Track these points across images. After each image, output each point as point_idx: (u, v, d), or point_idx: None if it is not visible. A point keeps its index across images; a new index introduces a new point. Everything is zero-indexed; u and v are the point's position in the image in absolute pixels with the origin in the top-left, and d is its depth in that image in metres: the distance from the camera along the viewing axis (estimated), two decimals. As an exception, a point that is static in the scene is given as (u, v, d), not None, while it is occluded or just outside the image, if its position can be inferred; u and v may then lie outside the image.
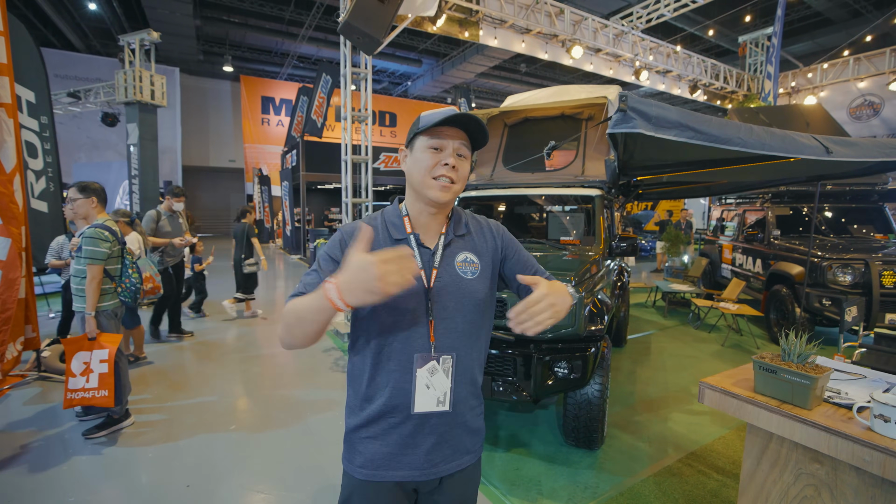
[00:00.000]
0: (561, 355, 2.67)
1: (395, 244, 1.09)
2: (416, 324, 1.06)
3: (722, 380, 1.51)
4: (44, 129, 5.16)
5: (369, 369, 1.09)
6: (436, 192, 1.06)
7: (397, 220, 1.13)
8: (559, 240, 3.78)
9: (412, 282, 0.84)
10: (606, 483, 2.64)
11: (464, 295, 1.10)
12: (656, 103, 1.97)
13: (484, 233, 1.21)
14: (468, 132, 1.09)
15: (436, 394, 1.07)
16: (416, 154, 1.08)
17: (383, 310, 1.03)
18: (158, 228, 4.98)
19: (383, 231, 1.11)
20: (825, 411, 1.27)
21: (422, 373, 1.06)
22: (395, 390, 1.06)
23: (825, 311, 4.86)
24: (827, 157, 2.24)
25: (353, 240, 1.02)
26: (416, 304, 1.06)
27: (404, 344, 1.06)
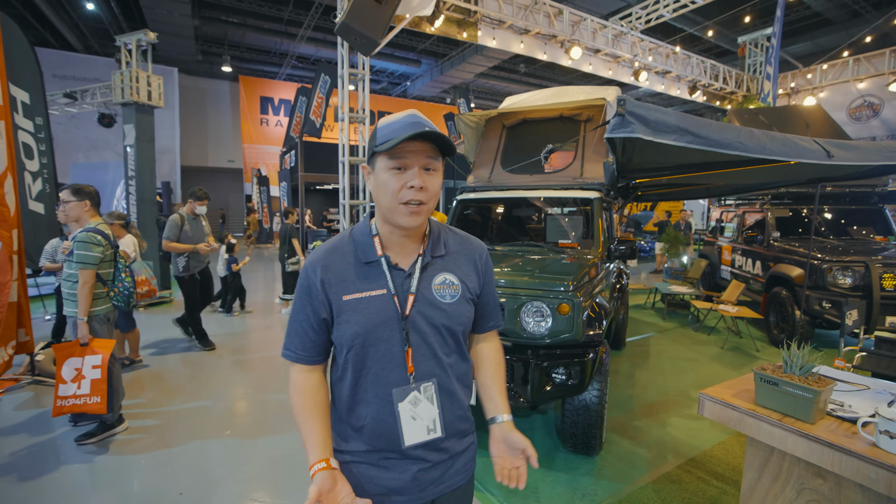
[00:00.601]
0: (559, 361, 2.63)
1: (366, 267, 1.02)
2: (392, 354, 1.00)
3: (722, 391, 1.48)
4: (39, 130, 5.11)
5: (347, 399, 1.04)
6: (404, 218, 0.97)
7: (367, 239, 1.05)
8: (557, 242, 3.74)
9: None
10: (605, 490, 2.61)
11: (442, 320, 1.03)
12: (655, 107, 1.93)
13: (465, 252, 1.13)
14: (434, 141, 0.98)
15: (425, 423, 1.03)
16: (379, 176, 0.98)
17: (357, 339, 0.99)
18: (182, 234, 4.66)
19: (352, 253, 1.04)
20: (828, 425, 1.24)
21: (405, 406, 1.01)
22: (377, 423, 1.01)
23: (825, 314, 4.83)
24: (828, 160, 2.21)
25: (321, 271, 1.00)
26: (390, 334, 1.00)
27: (379, 376, 1.01)
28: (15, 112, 4.63)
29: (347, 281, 1.01)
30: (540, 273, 2.86)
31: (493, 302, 1.18)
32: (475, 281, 1.12)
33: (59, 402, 2.79)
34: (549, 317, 2.61)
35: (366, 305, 1.00)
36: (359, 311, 0.99)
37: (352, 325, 0.99)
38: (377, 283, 1.01)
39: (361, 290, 1.00)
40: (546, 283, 2.70)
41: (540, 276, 2.80)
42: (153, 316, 6.51)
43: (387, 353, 1.00)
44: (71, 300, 2.87)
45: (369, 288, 1.01)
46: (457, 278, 1.07)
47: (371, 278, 1.02)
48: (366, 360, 1.00)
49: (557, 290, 2.63)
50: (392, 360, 1.00)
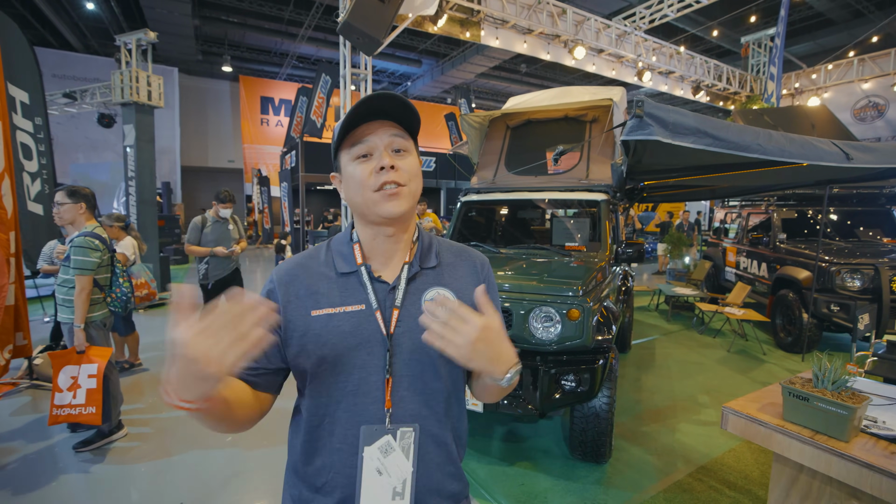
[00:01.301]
0: (568, 368, 2.57)
1: (342, 279, 0.86)
2: (367, 384, 0.81)
3: (746, 404, 1.42)
4: (38, 131, 5.05)
5: (302, 444, 0.85)
6: (384, 205, 0.81)
7: (345, 247, 0.89)
8: (564, 245, 3.68)
9: (261, 340, 0.61)
10: (615, 500, 2.55)
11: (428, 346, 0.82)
12: (673, 108, 1.88)
13: (462, 266, 0.95)
14: (396, 119, 0.84)
15: (391, 482, 0.80)
16: (347, 171, 0.85)
17: (324, 365, 0.81)
18: (203, 237, 4.33)
19: (327, 264, 0.88)
20: (864, 444, 1.17)
21: (371, 452, 0.79)
22: (343, 480, 0.80)
23: (833, 317, 4.77)
24: (848, 163, 2.15)
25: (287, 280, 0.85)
26: (367, 357, 0.81)
27: (349, 413, 0.81)
28: (14, 112, 4.57)
29: (319, 293, 0.84)
30: (548, 277, 2.80)
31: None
32: (470, 298, 0.87)
33: (55, 412, 2.72)
34: (558, 322, 2.55)
35: (339, 322, 0.82)
36: (329, 329, 0.82)
37: (319, 347, 0.81)
38: (355, 296, 0.84)
39: (335, 304, 0.83)
40: (554, 287, 2.64)
41: (548, 280, 2.74)
42: (153, 318, 6.46)
43: (360, 383, 0.81)
44: (65, 306, 2.79)
45: (345, 302, 0.83)
46: (452, 294, 0.88)
47: (348, 291, 0.85)
48: (332, 391, 0.81)
49: (566, 295, 2.57)
50: (366, 392, 0.81)
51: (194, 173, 19.50)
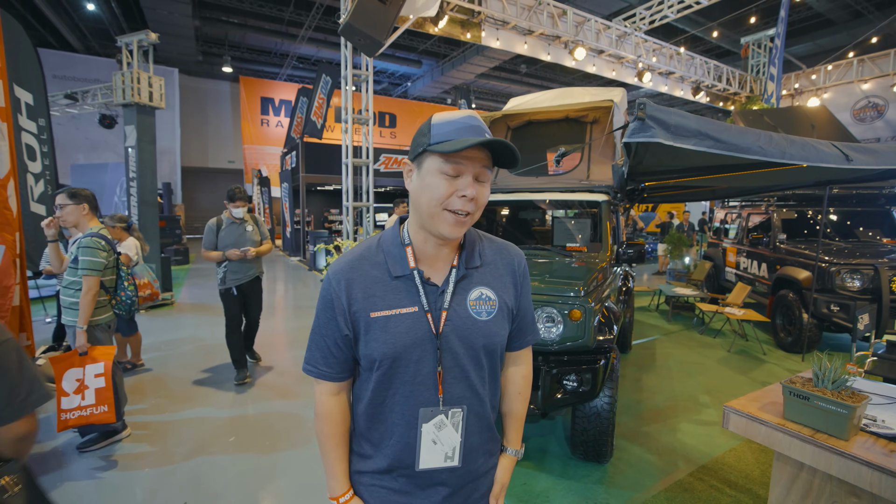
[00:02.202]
0: (570, 368, 2.59)
1: (395, 282, 0.94)
2: (422, 375, 0.94)
3: (747, 403, 1.43)
4: (42, 132, 5.06)
5: (368, 417, 0.99)
6: (447, 227, 0.88)
7: (397, 249, 0.95)
8: (565, 246, 3.70)
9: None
10: (617, 499, 2.57)
11: (478, 340, 0.96)
12: (675, 111, 1.89)
13: (503, 263, 1.03)
14: (494, 153, 0.90)
15: (443, 449, 0.97)
16: (427, 178, 0.89)
17: (386, 360, 0.92)
18: (219, 241, 4.01)
19: (380, 266, 0.95)
20: (864, 442, 1.19)
21: (428, 428, 0.95)
22: (400, 445, 0.96)
23: (833, 317, 4.79)
24: (847, 165, 2.17)
25: (346, 285, 0.93)
26: (421, 354, 0.93)
27: (407, 398, 0.94)
28: (19, 114, 4.58)
29: (375, 296, 0.93)
30: (550, 278, 2.81)
31: (529, 315, 1.10)
32: (512, 294, 1.03)
33: (64, 416, 2.67)
34: (560, 323, 2.56)
35: (396, 324, 0.92)
36: (388, 329, 0.92)
37: (380, 345, 0.92)
38: (409, 299, 0.93)
39: (391, 306, 0.93)
40: (556, 288, 2.65)
41: (550, 281, 2.76)
42: (155, 319, 6.47)
43: (416, 374, 0.93)
44: (72, 309, 2.78)
45: (400, 305, 0.93)
46: (493, 293, 0.99)
47: (401, 294, 0.94)
48: (393, 380, 0.94)
49: (568, 296, 2.59)
50: (422, 381, 0.94)
51: (194, 174, 19.52)
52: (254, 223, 4.26)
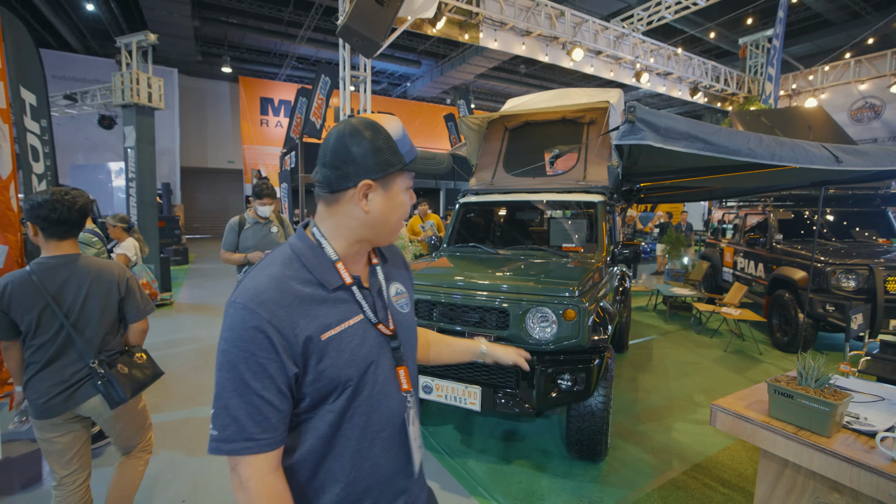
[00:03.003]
0: (564, 367, 2.61)
1: (332, 294, 0.85)
2: (382, 380, 0.89)
3: (734, 402, 1.46)
4: (44, 133, 5.08)
5: (315, 460, 0.84)
6: (396, 235, 0.93)
7: (326, 264, 0.86)
8: (561, 246, 3.73)
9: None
10: (611, 497, 2.59)
11: (408, 331, 0.99)
12: (665, 114, 1.92)
13: (398, 258, 1.08)
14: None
15: (417, 444, 0.97)
16: (398, 197, 0.88)
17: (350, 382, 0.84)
18: (241, 242, 3.68)
19: (311, 283, 0.83)
20: (845, 439, 1.22)
21: (411, 430, 0.93)
22: (362, 470, 0.86)
23: (829, 317, 4.82)
24: (837, 166, 2.20)
25: (282, 312, 0.77)
26: (377, 359, 0.88)
27: (370, 411, 0.87)
28: (24, 115, 4.60)
29: (318, 317, 0.82)
30: (545, 278, 2.84)
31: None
32: (412, 287, 1.08)
33: None
34: (554, 323, 2.59)
35: (349, 338, 0.84)
36: (342, 347, 0.83)
37: (341, 368, 0.82)
38: (350, 309, 0.87)
39: (339, 321, 0.84)
40: (551, 288, 2.68)
41: (545, 280, 2.79)
42: (154, 319, 6.48)
43: (376, 383, 0.88)
44: None
45: (344, 318, 0.85)
46: (403, 286, 1.03)
47: (342, 306, 0.86)
48: (353, 400, 0.85)
49: (563, 296, 2.61)
50: (384, 386, 0.89)
51: (194, 174, 19.54)
52: (279, 224, 3.89)
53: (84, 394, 1.82)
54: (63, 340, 1.78)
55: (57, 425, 1.81)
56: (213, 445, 0.76)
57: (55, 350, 1.77)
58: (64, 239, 1.81)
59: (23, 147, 4.47)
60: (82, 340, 1.80)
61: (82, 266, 1.83)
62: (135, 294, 1.99)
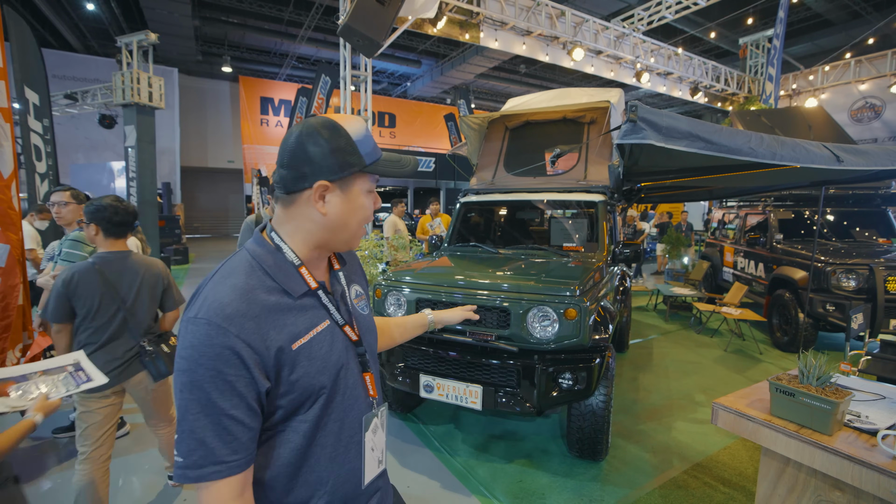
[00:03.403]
0: (565, 366, 2.62)
1: (298, 301, 0.83)
2: (350, 386, 0.88)
3: (735, 400, 1.46)
4: (46, 132, 5.10)
5: (289, 474, 0.81)
6: (358, 240, 0.90)
7: (289, 269, 0.84)
8: (562, 246, 3.73)
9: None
10: (612, 496, 2.60)
11: (371, 334, 0.98)
12: (667, 113, 1.92)
13: (353, 259, 1.06)
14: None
15: (376, 455, 0.93)
16: (359, 199, 0.85)
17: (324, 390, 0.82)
18: None
19: (276, 291, 0.80)
20: (847, 437, 1.22)
21: (368, 436, 0.90)
22: (339, 477, 0.85)
23: (829, 317, 4.82)
24: (837, 166, 2.20)
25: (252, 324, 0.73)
26: (345, 364, 0.87)
27: (342, 418, 0.86)
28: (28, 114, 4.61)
29: (287, 326, 0.79)
30: (546, 277, 2.84)
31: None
32: (367, 288, 1.08)
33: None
34: (555, 322, 2.59)
35: (318, 346, 0.82)
36: (312, 355, 0.81)
37: (314, 377, 0.80)
38: (317, 315, 0.85)
39: (308, 329, 0.82)
40: (552, 287, 2.68)
41: (546, 280, 2.79)
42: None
43: (346, 389, 0.87)
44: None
45: (312, 325, 0.83)
46: (361, 288, 1.02)
47: (308, 313, 0.84)
48: (327, 408, 0.83)
49: (563, 295, 2.62)
50: (353, 392, 0.88)
51: (194, 174, 19.54)
52: None
53: (134, 369, 2.16)
54: (119, 323, 2.10)
55: (105, 397, 2.07)
56: (178, 473, 0.71)
57: (112, 332, 2.09)
58: (119, 238, 2.15)
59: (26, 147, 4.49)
60: (134, 323, 2.14)
61: (134, 261, 2.19)
62: (172, 287, 2.37)
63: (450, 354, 2.81)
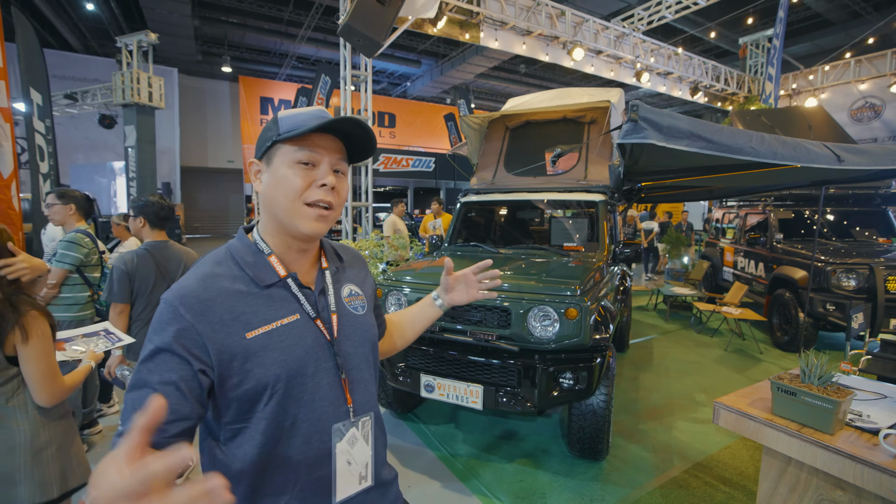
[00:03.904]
0: (566, 366, 2.62)
1: (265, 292, 0.81)
2: (322, 389, 0.82)
3: (737, 399, 1.46)
4: (48, 132, 5.10)
5: (258, 474, 0.78)
6: (309, 223, 0.81)
7: (257, 258, 0.83)
8: (562, 246, 3.73)
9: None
10: (613, 496, 2.60)
11: (363, 335, 0.92)
12: (668, 112, 1.92)
13: (358, 263, 1.04)
14: (346, 140, 0.86)
15: (357, 469, 0.86)
16: (279, 170, 0.81)
17: (279, 384, 0.78)
18: None
19: (240, 279, 0.81)
20: (848, 436, 1.22)
21: (342, 447, 0.84)
22: (311, 484, 0.81)
23: (829, 316, 4.82)
24: (838, 165, 2.20)
25: (199, 307, 0.74)
26: (316, 366, 0.82)
27: (313, 421, 0.81)
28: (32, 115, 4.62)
29: (246, 314, 0.78)
30: (546, 277, 2.84)
31: (379, 305, 1.12)
32: (371, 289, 1.03)
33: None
34: (556, 321, 2.59)
35: (280, 338, 0.80)
36: (272, 347, 0.78)
37: (269, 367, 0.77)
38: (285, 308, 0.83)
39: (269, 320, 0.80)
40: (553, 287, 2.68)
41: (546, 280, 2.79)
42: (154, 318, 6.49)
43: (315, 390, 0.82)
44: (54, 304, 2.84)
45: (277, 316, 0.81)
46: (358, 288, 0.98)
47: (276, 304, 0.82)
48: (288, 407, 0.79)
49: (564, 295, 2.62)
50: (324, 397, 0.83)
51: (194, 174, 19.53)
52: None
53: None
54: None
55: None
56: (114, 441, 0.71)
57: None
58: (163, 229, 2.53)
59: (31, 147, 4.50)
60: None
61: (176, 248, 2.56)
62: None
63: (450, 354, 2.81)
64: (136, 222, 2.47)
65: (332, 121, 0.80)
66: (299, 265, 0.88)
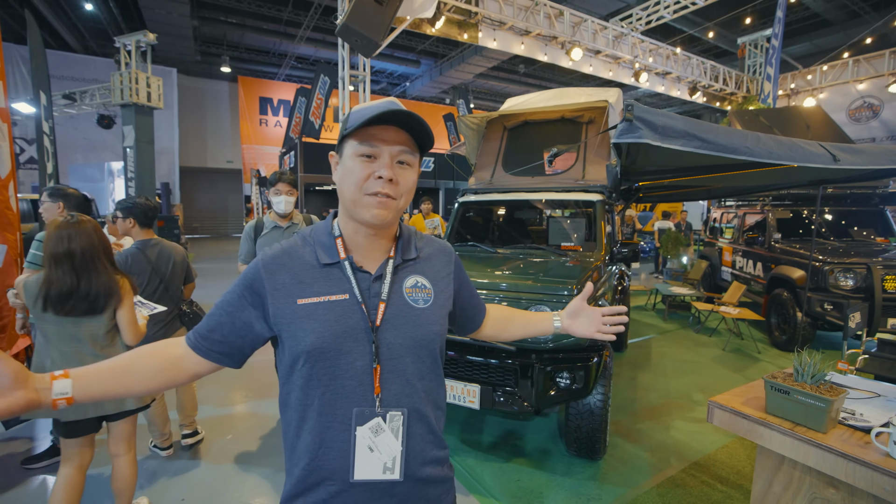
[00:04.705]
0: (563, 365, 2.62)
1: (324, 270, 0.90)
2: (354, 370, 0.86)
3: (731, 398, 1.47)
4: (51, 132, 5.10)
5: (295, 426, 0.89)
6: (369, 211, 0.86)
7: (327, 239, 0.93)
8: (560, 245, 3.74)
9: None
10: (610, 495, 2.60)
11: (416, 329, 0.91)
12: (663, 112, 1.93)
13: (439, 259, 1.03)
14: (411, 132, 0.88)
15: (381, 458, 0.86)
16: (346, 163, 0.88)
17: (314, 351, 0.85)
18: (257, 251, 2.89)
19: (311, 255, 0.91)
20: (841, 434, 1.23)
21: (363, 431, 0.85)
22: (329, 451, 0.86)
23: (827, 316, 4.83)
24: (834, 165, 2.21)
25: (275, 268, 0.89)
26: (353, 346, 0.86)
27: (339, 396, 0.86)
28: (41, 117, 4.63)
29: (304, 283, 0.89)
30: (544, 277, 2.85)
31: (475, 297, 1.13)
32: (448, 287, 1.01)
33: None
34: (553, 321, 2.59)
35: (324, 311, 0.87)
36: (316, 317, 0.86)
37: (308, 334, 0.85)
38: (338, 286, 0.89)
39: (319, 293, 0.88)
40: (550, 286, 2.69)
41: (544, 279, 2.79)
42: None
43: (348, 369, 0.86)
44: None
45: (329, 292, 0.88)
46: (429, 281, 0.97)
47: (331, 281, 0.89)
48: (322, 376, 0.86)
49: (562, 294, 2.62)
50: (354, 377, 0.86)
51: (193, 174, 19.52)
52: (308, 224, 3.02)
53: (174, 327, 2.78)
54: (160, 293, 2.67)
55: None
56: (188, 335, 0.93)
57: (154, 300, 2.57)
58: (150, 228, 2.71)
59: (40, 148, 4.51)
60: (171, 293, 2.72)
61: (165, 245, 2.74)
62: (189, 265, 2.95)
63: (448, 353, 2.82)
64: (126, 223, 2.64)
65: (384, 112, 0.84)
66: (367, 251, 0.93)
